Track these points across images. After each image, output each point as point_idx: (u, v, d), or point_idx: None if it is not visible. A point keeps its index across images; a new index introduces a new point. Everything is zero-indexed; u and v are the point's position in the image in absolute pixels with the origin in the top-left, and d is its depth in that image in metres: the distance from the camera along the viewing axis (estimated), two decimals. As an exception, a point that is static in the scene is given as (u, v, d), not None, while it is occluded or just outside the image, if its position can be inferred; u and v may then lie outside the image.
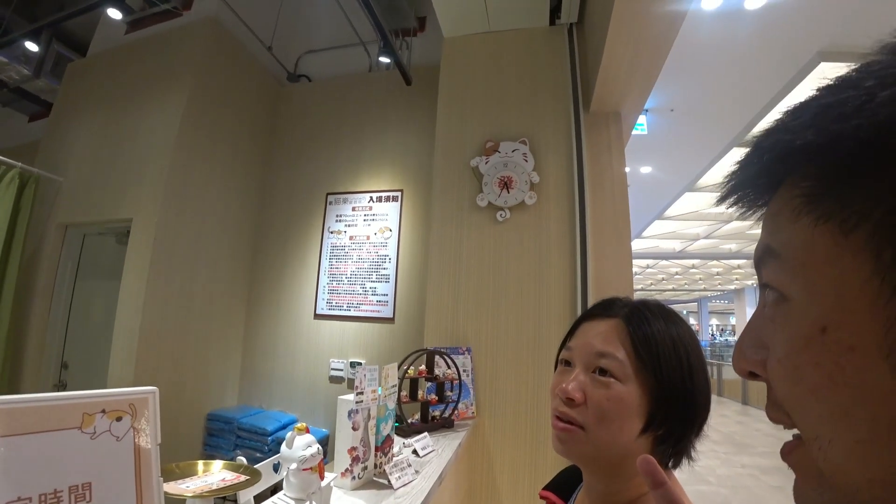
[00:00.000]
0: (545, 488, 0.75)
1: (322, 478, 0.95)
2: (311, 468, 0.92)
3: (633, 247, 8.40)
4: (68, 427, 0.46)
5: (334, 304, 2.99)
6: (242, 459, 0.95)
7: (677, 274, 14.86)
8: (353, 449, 1.12)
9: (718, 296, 21.59)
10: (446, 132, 2.45)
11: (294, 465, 0.91)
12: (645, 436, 0.57)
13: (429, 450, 1.49)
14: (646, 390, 0.57)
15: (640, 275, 14.75)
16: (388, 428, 1.27)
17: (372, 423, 1.20)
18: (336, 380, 2.90)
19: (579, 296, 2.05)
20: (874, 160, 0.20)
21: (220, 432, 2.76)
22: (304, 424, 0.96)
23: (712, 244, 9.86)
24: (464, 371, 2.01)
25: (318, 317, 3.02)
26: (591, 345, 0.61)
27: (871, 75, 0.21)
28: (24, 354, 2.75)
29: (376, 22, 2.46)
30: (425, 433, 1.58)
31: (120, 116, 2.92)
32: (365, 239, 3.02)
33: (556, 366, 0.67)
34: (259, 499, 1.02)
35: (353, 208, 3.09)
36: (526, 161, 2.24)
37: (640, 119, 4.04)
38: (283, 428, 2.70)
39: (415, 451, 1.45)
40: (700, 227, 8.60)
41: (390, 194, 3.02)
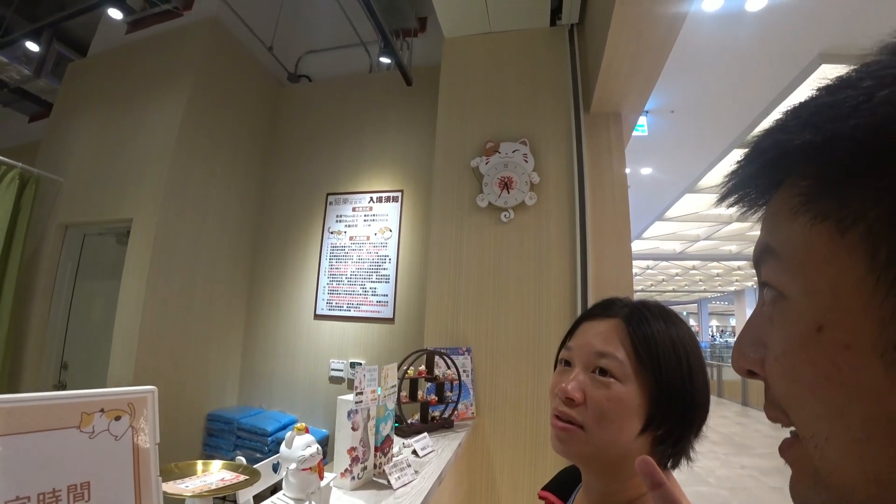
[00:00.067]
0: (544, 488, 0.75)
1: (321, 478, 0.95)
2: (310, 468, 0.92)
3: (634, 248, 8.40)
4: (67, 426, 0.46)
5: (334, 304, 2.99)
6: (242, 459, 0.95)
7: (677, 275, 14.85)
8: (353, 449, 1.12)
9: (718, 297, 21.59)
10: (447, 132, 2.45)
11: (293, 465, 0.91)
12: (644, 436, 0.57)
13: (428, 450, 1.49)
14: (645, 390, 0.57)
15: (641, 276, 14.75)
16: (387, 428, 1.27)
17: (371, 423, 1.20)
18: (336, 380, 2.90)
19: (579, 297, 2.05)
20: (871, 159, 0.20)
21: (219, 433, 2.76)
22: (304, 424, 0.96)
23: (712, 245, 9.86)
24: (463, 371, 2.01)
25: (318, 317, 3.02)
26: (591, 345, 0.61)
27: (869, 75, 0.21)
28: (23, 354, 2.75)
29: (377, 22, 2.46)
30: (425, 433, 1.58)
31: (120, 116, 2.92)
32: (365, 239, 3.02)
33: (555, 366, 0.67)
34: (258, 499, 1.02)
35: (354, 208, 3.09)
36: (526, 161, 2.24)
37: (640, 120, 4.03)
38: (283, 428, 2.69)
39: (414, 452, 1.45)
40: (700, 229, 8.59)
41: (390, 195, 3.02)
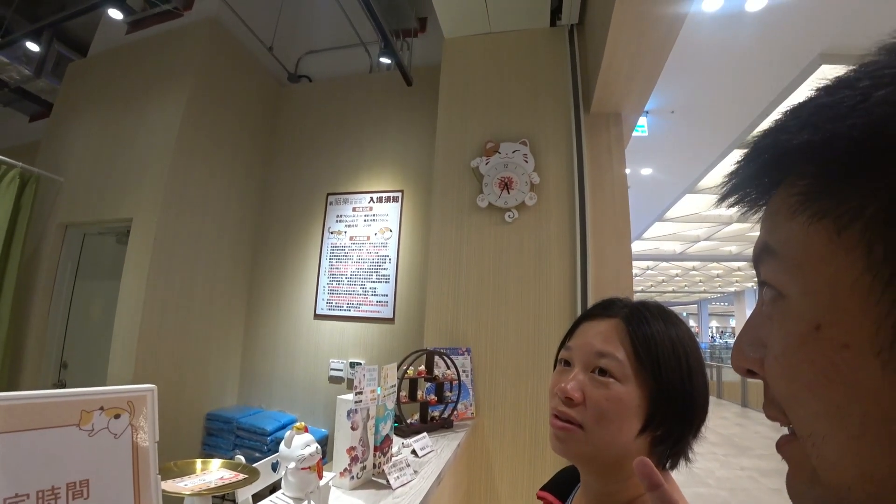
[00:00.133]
0: (542, 488, 0.75)
1: (320, 477, 0.95)
2: (309, 467, 0.92)
3: (634, 248, 8.40)
4: (66, 424, 0.46)
5: (334, 304, 2.99)
6: (241, 458, 0.95)
7: (677, 276, 14.86)
8: (352, 448, 1.12)
9: (718, 298, 21.60)
10: (447, 133, 2.45)
11: (292, 465, 0.91)
12: (643, 436, 0.57)
13: (428, 450, 1.48)
14: (645, 391, 0.57)
15: (641, 276, 14.75)
16: (387, 428, 1.27)
17: (371, 422, 1.20)
18: (336, 380, 2.90)
19: (579, 297, 2.05)
20: (868, 158, 0.21)
21: (219, 432, 2.76)
22: (303, 424, 0.96)
23: (713, 246, 9.86)
24: (463, 371, 2.01)
25: (317, 317, 3.02)
26: (591, 344, 0.61)
27: (867, 75, 0.21)
28: (23, 354, 2.75)
29: (377, 23, 2.46)
30: (424, 433, 1.58)
31: (120, 116, 2.92)
32: (365, 239, 3.02)
33: (555, 365, 0.67)
34: (257, 498, 1.02)
35: (354, 209, 3.09)
36: (526, 162, 2.25)
37: (640, 121, 4.04)
38: (283, 428, 2.69)
39: (413, 452, 1.44)
40: (700, 229, 8.60)
41: (391, 195, 3.02)
